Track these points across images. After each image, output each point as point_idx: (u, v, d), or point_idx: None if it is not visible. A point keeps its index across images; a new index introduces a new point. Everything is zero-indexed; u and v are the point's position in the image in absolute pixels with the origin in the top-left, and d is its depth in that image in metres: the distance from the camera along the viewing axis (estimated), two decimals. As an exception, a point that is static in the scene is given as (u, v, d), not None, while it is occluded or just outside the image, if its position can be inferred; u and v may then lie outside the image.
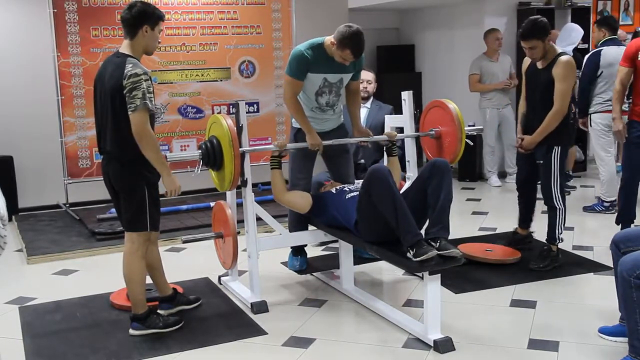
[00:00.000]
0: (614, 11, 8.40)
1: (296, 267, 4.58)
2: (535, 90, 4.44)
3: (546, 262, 4.44)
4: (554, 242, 4.47)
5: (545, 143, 4.39)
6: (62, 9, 6.00)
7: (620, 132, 4.71)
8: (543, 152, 4.41)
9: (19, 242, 5.49)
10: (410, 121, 4.43)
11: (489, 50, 7.06)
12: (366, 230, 3.54)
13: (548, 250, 4.49)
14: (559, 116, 4.30)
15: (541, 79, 4.37)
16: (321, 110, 4.18)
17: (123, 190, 3.46)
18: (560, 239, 4.47)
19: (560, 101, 4.26)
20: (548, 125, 4.31)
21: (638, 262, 2.90)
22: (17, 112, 6.34)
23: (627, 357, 3.00)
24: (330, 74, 4.03)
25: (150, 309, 3.60)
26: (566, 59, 4.27)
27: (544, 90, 4.34)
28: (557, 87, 4.26)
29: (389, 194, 3.30)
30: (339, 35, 3.80)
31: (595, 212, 5.89)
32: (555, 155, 4.37)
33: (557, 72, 4.25)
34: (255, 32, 6.80)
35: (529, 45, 4.27)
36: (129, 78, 3.26)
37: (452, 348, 3.29)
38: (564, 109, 4.29)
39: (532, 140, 4.41)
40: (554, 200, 4.41)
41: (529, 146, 4.45)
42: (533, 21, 4.28)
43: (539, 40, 4.23)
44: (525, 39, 4.26)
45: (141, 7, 3.40)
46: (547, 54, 4.33)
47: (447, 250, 3.22)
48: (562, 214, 4.44)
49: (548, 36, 4.27)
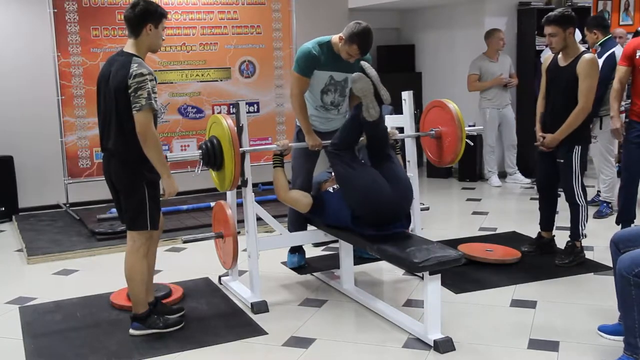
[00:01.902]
0: (614, 11, 8.41)
1: (295, 263, 4.59)
2: (557, 88, 4.44)
3: (571, 258, 4.51)
4: (578, 238, 4.54)
5: (567, 142, 4.40)
6: (62, 9, 6.00)
7: (618, 130, 4.73)
8: (565, 151, 4.42)
9: (19, 242, 5.49)
10: (410, 121, 4.44)
11: (489, 50, 7.05)
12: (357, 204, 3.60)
13: (572, 247, 4.55)
14: (584, 114, 4.32)
15: (563, 77, 4.37)
16: (325, 110, 4.19)
17: (124, 189, 3.46)
18: (584, 234, 4.54)
19: (585, 98, 4.28)
20: (573, 122, 4.32)
21: (636, 260, 2.91)
22: (17, 112, 6.35)
23: (622, 356, 3.00)
24: (336, 72, 4.07)
25: (151, 309, 3.59)
26: (590, 57, 4.31)
27: (566, 88, 4.35)
28: (581, 84, 4.28)
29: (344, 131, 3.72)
30: (348, 30, 3.85)
31: (603, 216, 5.79)
32: (577, 154, 4.40)
33: (581, 69, 4.27)
34: (256, 32, 6.80)
35: (549, 31, 4.31)
36: (134, 77, 3.26)
37: (452, 348, 3.29)
38: (589, 106, 4.31)
39: (556, 138, 4.41)
40: (576, 197, 4.45)
41: (551, 144, 4.45)
42: (562, 10, 4.36)
43: (559, 28, 4.27)
44: (548, 23, 4.31)
45: (144, 6, 3.38)
46: (569, 49, 4.35)
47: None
48: (585, 211, 4.50)
49: (570, 28, 4.29)
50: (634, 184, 4.82)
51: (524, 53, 7.39)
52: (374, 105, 3.56)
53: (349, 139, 3.82)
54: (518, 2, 7.51)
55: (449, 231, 5.47)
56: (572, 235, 4.56)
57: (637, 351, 2.93)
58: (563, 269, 4.44)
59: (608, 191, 5.90)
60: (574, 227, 4.53)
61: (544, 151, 4.53)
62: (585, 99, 4.28)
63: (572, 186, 4.44)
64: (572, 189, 4.44)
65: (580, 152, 4.41)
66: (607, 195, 5.91)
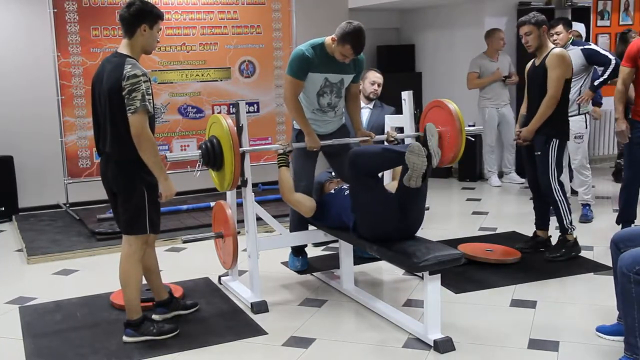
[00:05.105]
0: (614, 11, 8.40)
1: (297, 267, 4.58)
2: (534, 86, 4.61)
3: (562, 251, 4.56)
4: (567, 232, 4.59)
5: (544, 134, 4.51)
6: (62, 9, 6.00)
7: (623, 132, 4.70)
8: (541, 143, 4.52)
9: (19, 242, 5.49)
10: (410, 121, 4.44)
11: (489, 49, 7.06)
12: (364, 225, 3.54)
13: (563, 240, 4.61)
14: (553, 102, 4.45)
15: (538, 75, 4.54)
16: (322, 112, 4.17)
17: (121, 192, 3.41)
18: (572, 227, 4.58)
19: (552, 87, 4.45)
20: (543, 111, 4.47)
21: (637, 257, 2.90)
22: (17, 112, 6.35)
23: (623, 357, 2.99)
24: (331, 74, 4.03)
25: (144, 315, 3.54)
26: (558, 50, 4.52)
27: (541, 84, 4.51)
28: (549, 74, 4.45)
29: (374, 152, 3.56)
30: (339, 30, 3.82)
31: (589, 220, 5.65)
32: (553, 148, 4.51)
33: (549, 62, 4.47)
34: (256, 32, 6.80)
35: (525, 30, 4.51)
36: (128, 79, 3.21)
37: (452, 348, 3.29)
38: (557, 94, 4.45)
39: (530, 130, 4.55)
40: (553, 192, 4.53)
41: (527, 136, 4.58)
42: (533, 13, 4.61)
43: (534, 26, 4.48)
44: (522, 24, 4.55)
45: (139, 6, 3.35)
46: (543, 48, 4.54)
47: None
48: (564, 204, 4.55)
49: (543, 27, 4.50)
50: (635, 184, 4.81)
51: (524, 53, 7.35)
52: (417, 181, 3.33)
53: (377, 169, 3.68)
54: (518, 2, 7.52)
55: (449, 231, 5.47)
56: (560, 230, 4.64)
57: (637, 351, 2.92)
58: (563, 269, 4.43)
59: (587, 192, 5.72)
60: (559, 222, 4.61)
61: (528, 152, 4.65)
62: (554, 87, 4.44)
63: (548, 180, 4.52)
64: (549, 183, 4.52)
65: (557, 146, 4.51)
66: (587, 198, 5.71)
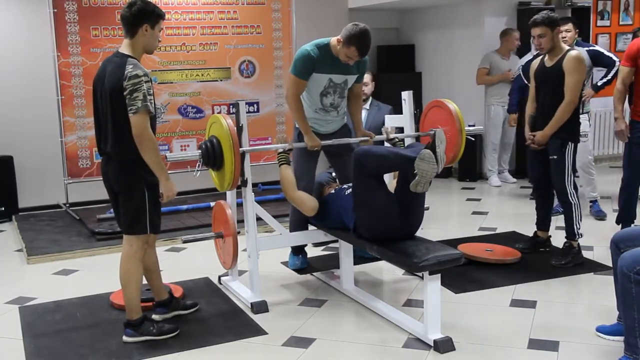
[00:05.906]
0: (614, 11, 8.40)
1: (297, 265, 4.59)
2: (546, 88, 4.48)
3: (568, 259, 4.49)
4: (574, 238, 4.53)
5: (559, 138, 4.42)
6: (62, 9, 6.00)
7: (623, 131, 4.71)
8: (557, 148, 4.43)
9: (19, 242, 5.49)
10: (410, 121, 4.44)
11: (502, 48, 7.06)
12: (365, 225, 3.53)
13: (569, 247, 4.54)
14: (571, 107, 4.36)
15: (551, 76, 4.43)
16: (325, 112, 4.18)
17: (122, 192, 3.42)
18: (579, 234, 4.52)
19: (571, 93, 4.34)
20: (561, 117, 4.37)
21: (638, 257, 2.90)
22: (17, 112, 6.35)
23: (623, 357, 2.99)
24: (335, 75, 4.04)
25: (144, 315, 3.54)
26: (575, 53, 4.37)
27: (555, 87, 4.39)
28: (567, 80, 4.34)
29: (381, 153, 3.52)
30: (346, 32, 3.83)
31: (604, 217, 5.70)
32: (569, 151, 4.43)
33: (567, 65, 4.34)
34: (255, 32, 6.80)
35: (538, 32, 4.39)
36: (130, 79, 3.21)
37: (452, 348, 3.29)
38: (575, 100, 4.36)
39: (545, 134, 4.44)
40: (568, 196, 4.46)
41: (542, 141, 4.47)
42: (546, 12, 4.48)
43: (548, 28, 4.35)
44: (536, 25, 4.40)
45: (141, 6, 3.34)
46: (556, 49, 4.42)
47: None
48: (578, 209, 4.49)
49: (557, 29, 4.40)
50: (635, 184, 4.81)
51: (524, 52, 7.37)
52: (425, 187, 3.35)
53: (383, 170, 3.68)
54: (518, 2, 7.52)
55: (449, 231, 5.47)
56: (567, 236, 4.56)
57: (637, 351, 2.92)
58: (563, 268, 4.44)
59: (594, 190, 5.86)
60: (569, 226, 4.53)
61: (535, 151, 4.56)
62: (572, 93, 4.34)
63: (564, 184, 4.45)
64: (564, 187, 4.45)
65: (573, 149, 4.44)
66: (594, 194, 5.84)
